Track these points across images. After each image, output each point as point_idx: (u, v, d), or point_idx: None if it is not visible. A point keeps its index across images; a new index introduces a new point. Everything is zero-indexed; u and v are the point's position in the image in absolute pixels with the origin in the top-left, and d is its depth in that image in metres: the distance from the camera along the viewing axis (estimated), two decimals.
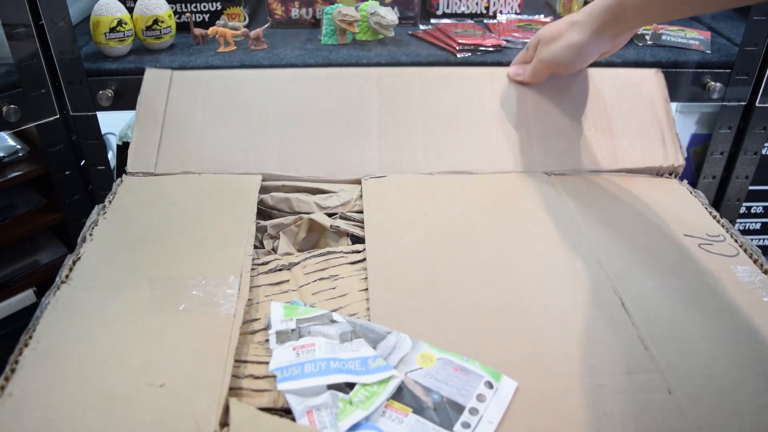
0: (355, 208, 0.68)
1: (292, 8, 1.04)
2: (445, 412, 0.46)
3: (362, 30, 0.99)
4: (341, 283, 0.58)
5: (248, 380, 0.48)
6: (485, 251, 0.60)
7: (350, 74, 0.80)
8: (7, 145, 0.99)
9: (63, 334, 0.47)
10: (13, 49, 0.84)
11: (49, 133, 0.92)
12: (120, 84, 0.91)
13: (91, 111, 0.92)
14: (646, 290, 0.55)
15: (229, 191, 0.67)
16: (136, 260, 0.56)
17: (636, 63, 0.95)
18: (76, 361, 0.45)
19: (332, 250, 0.63)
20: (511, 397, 0.46)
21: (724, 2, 0.57)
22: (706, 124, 1.03)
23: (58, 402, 0.41)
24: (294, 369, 0.47)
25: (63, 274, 0.54)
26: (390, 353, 0.50)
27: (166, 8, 0.94)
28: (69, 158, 0.95)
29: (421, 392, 0.47)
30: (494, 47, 0.97)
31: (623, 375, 0.47)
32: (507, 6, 1.10)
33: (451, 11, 1.10)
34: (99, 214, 0.63)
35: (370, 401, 0.46)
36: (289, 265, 0.60)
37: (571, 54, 0.67)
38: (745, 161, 1.01)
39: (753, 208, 1.14)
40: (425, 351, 0.50)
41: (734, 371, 0.47)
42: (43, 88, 0.89)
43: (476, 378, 0.48)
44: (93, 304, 0.50)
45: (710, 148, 1.01)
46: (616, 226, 0.63)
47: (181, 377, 0.44)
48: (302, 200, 0.70)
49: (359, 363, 0.48)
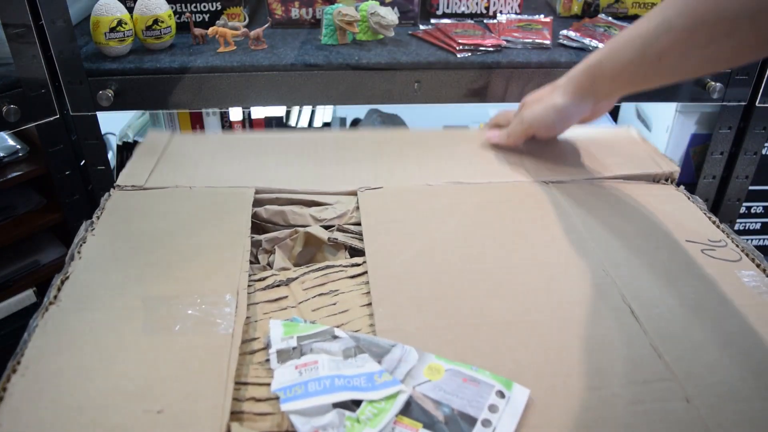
0: (352, 220, 0.67)
1: (292, 8, 1.04)
2: (457, 426, 0.44)
3: (362, 30, 0.99)
4: (342, 298, 0.56)
5: (250, 403, 0.46)
6: (489, 261, 0.59)
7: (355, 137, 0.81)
8: (7, 145, 0.99)
9: (53, 360, 0.45)
10: (13, 49, 0.84)
11: (49, 133, 0.92)
12: (120, 84, 0.91)
13: (91, 111, 0.92)
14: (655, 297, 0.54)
15: (221, 204, 0.65)
16: (127, 279, 0.54)
17: None
18: (68, 388, 0.43)
19: (331, 264, 0.61)
20: (524, 406, 0.45)
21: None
22: (706, 124, 1.03)
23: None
24: (297, 388, 0.45)
25: (51, 294, 0.51)
26: (396, 367, 0.48)
27: (166, 8, 0.94)
28: (69, 158, 0.95)
29: (430, 406, 0.45)
30: (494, 47, 0.97)
31: (639, 384, 0.46)
32: (507, 6, 1.10)
33: (451, 11, 1.10)
34: (87, 231, 0.60)
35: (379, 418, 0.44)
36: (287, 281, 0.58)
37: (551, 115, 0.68)
38: (745, 161, 1.01)
39: (753, 208, 1.14)
40: (432, 363, 0.49)
41: (749, 378, 0.46)
42: (43, 88, 0.89)
43: (487, 388, 0.47)
44: (84, 327, 0.48)
45: (710, 148, 1.01)
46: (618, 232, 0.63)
47: (180, 403, 0.42)
48: (297, 213, 0.68)
49: (365, 379, 0.47)
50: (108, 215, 0.63)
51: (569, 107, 0.66)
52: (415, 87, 0.95)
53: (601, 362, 0.48)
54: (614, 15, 1.11)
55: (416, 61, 0.94)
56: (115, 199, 0.66)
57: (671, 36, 0.53)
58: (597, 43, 0.97)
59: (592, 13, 1.13)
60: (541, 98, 0.69)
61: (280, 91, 0.94)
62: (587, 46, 0.98)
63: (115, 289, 0.52)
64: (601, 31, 1.02)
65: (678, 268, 0.58)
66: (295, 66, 0.92)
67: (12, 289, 0.99)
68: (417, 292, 0.55)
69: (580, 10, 1.14)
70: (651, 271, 0.57)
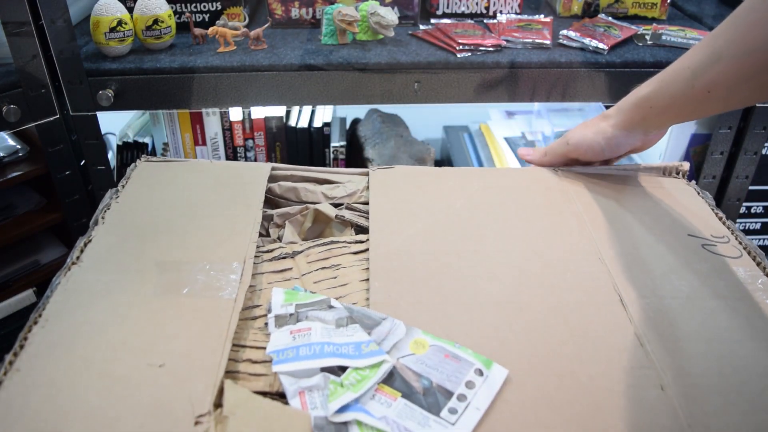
0: (362, 199, 0.69)
1: (292, 8, 1.04)
2: (434, 398, 0.46)
3: (362, 30, 0.99)
4: (343, 272, 0.59)
5: (245, 364, 0.49)
6: (488, 244, 0.60)
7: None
8: (7, 145, 0.99)
9: (71, 315, 0.49)
10: (13, 49, 0.84)
11: (49, 133, 0.92)
12: (120, 84, 0.91)
13: (91, 111, 0.92)
14: (646, 288, 0.55)
15: (239, 178, 0.68)
16: (145, 245, 0.58)
17: (636, 63, 0.95)
18: (82, 341, 0.47)
19: (336, 240, 0.64)
20: (500, 385, 0.47)
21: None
22: (706, 124, 1.03)
23: (62, 379, 0.43)
24: (290, 352, 0.48)
25: (74, 255, 0.56)
26: (384, 339, 0.51)
27: (166, 8, 0.94)
28: (69, 158, 0.95)
29: (411, 377, 0.48)
30: (494, 47, 0.97)
31: (617, 370, 0.47)
32: (507, 6, 1.10)
33: (451, 11, 1.10)
34: (112, 198, 0.65)
35: (361, 384, 0.47)
36: (293, 254, 0.61)
37: (600, 141, 0.66)
38: (745, 161, 1.01)
39: (753, 208, 1.14)
40: (419, 338, 0.51)
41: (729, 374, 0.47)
42: (43, 88, 0.89)
43: (467, 365, 0.49)
44: (101, 287, 0.52)
45: (710, 148, 1.01)
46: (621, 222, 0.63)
47: (181, 359, 0.46)
48: (309, 190, 0.71)
49: (353, 347, 0.49)
50: (132, 185, 0.68)
51: (619, 137, 0.65)
52: (415, 87, 0.95)
53: (582, 347, 0.49)
54: (614, 15, 1.11)
55: (416, 61, 0.94)
56: (140, 170, 0.70)
57: (720, 66, 0.53)
58: (597, 43, 0.97)
59: (592, 13, 1.13)
60: (589, 125, 0.68)
61: (280, 91, 0.94)
62: (587, 46, 0.98)
63: (133, 253, 0.57)
64: (601, 31, 1.02)
65: (675, 262, 0.58)
66: (295, 66, 0.93)
67: (12, 289, 0.99)
68: (413, 269, 0.57)
69: (580, 10, 1.14)
70: (647, 262, 0.58)
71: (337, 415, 0.44)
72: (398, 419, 0.45)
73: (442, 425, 0.44)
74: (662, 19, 1.12)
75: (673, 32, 1.01)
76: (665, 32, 1.01)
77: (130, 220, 0.62)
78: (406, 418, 0.45)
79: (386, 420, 0.45)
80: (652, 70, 0.95)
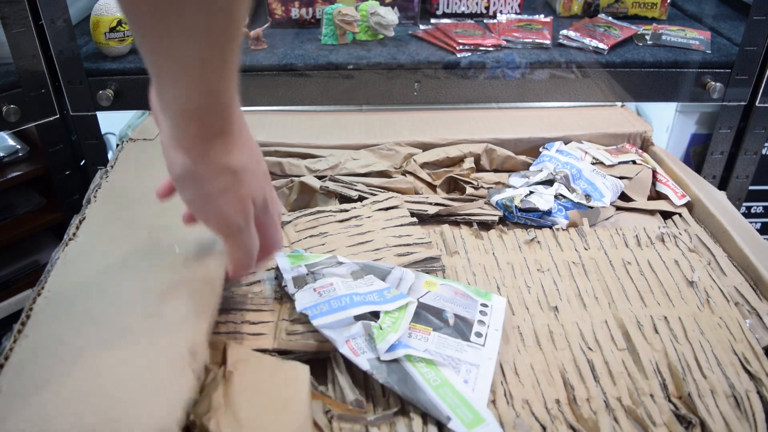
0: (343, 171, 0.75)
1: (292, 8, 1.04)
2: (459, 327, 0.54)
3: (362, 30, 0.99)
4: (330, 239, 0.64)
5: (246, 326, 0.53)
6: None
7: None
8: (7, 145, 0.99)
9: (71, 283, 0.52)
10: (13, 49, 0.84)
11: (49, 133, 0.92)
12: (120, 84, 0.91)
13: (91, 111, 0.92)
14: None
15: None
16: (137, 215, 0.61)
17: (636, 63, 0.95)
18: (83, 303, 0.50)
19: (322, 210, 0.68)
20: (504, 310, 0.56)
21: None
22: (706, 124, 1.03)
23: (68, 339, 0.46)
24: (322, 306, 0.52)
25: (70, 232, 0.58)
26: (398, 284, 0.57)
27: None
28: (69, 158, 0.95)
29: (434, 312, 0.55)
30: (494, 47, 0.97)
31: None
32: (507, 6, 1.10)
33: (451, 11, 1.10)
34: (102, 178, 0.67)
35: (397, 325, 0.51)
36: (282, 224, 0.64)
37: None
38: (745, 161, 1.01)
39: (753, 208, 1.14)
40: (428, 279, 0.58)
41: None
42: (43, 88, 0.89)
43: (472, 302, 0.57)
44: (98, 255, 0.55)
45: (710, 148, 1.01)
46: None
47: (172, 311, 0.49)
48: (293, 164, 0.75)
49: (377, 294, 0.54)
50: (120, 164, 0.71)
51: None
52: (415, 87, 0.95)
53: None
54: (614, 15, 1.11)
55: (416, 61, 0.94)
56: (126, 151, 0.74)
57: None
58: (597, 43, 0.97)
59: (592, 13, 1.13)
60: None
61: (280, 91, 0.94)
62: (587, 46, 0.98)
63: (125, 225, 0.61)
64: (601, 31, 1.02)
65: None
66: (295, 66, 0.92)
67: (12, 289, 0.99)
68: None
69: (580, 10, 1.14)
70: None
71: (388, 354, 0.49)
72: (438, 350, 0.51)
73: (474, 348, 0.52)
74: (662, 19, 1.12)
75: (673, 32, 1.01)
76: (665, 32, 1.01)
77: (121, 196, 0.65)
78: (444, 347, 0.51)
79: (429, 352, 0.50)
80: (652, 70, 0.95)
